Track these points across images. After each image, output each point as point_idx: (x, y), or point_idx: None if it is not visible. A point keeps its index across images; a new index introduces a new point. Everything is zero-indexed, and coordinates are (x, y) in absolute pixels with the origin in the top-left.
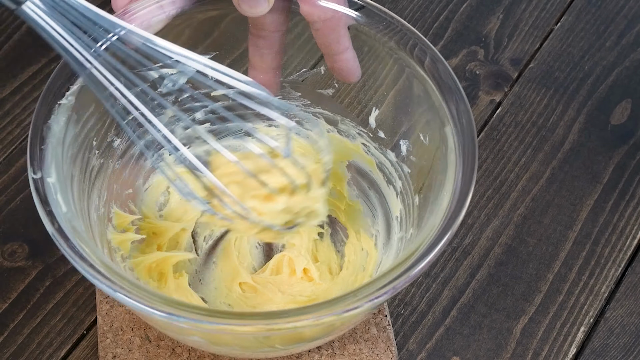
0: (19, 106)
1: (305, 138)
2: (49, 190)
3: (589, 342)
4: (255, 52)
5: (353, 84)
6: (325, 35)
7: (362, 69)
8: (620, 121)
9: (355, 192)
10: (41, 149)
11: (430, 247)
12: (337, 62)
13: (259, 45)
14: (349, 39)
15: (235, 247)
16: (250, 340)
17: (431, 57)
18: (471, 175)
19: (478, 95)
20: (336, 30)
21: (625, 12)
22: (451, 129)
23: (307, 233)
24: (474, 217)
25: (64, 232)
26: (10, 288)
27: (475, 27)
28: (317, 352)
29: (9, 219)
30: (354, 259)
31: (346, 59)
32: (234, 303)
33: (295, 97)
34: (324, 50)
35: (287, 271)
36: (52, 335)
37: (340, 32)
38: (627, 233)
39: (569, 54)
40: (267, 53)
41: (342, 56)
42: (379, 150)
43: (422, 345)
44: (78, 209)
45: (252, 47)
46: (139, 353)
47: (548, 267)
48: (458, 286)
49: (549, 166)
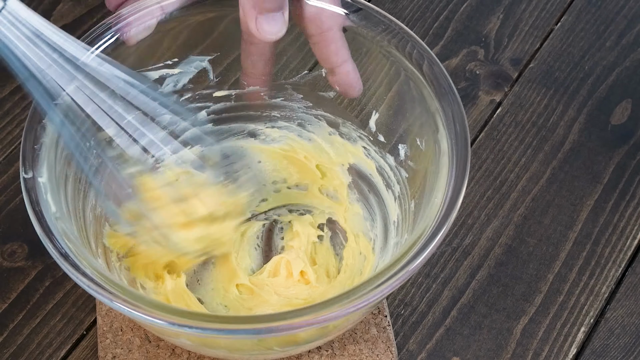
0: (18, 106)
1: (307, 141)
2: (39, 190)
3: (589, 342)
4: (246, 58)
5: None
6: (323, 48)
7: (360, 71)
8: (621, 121)
9: (356, 196)
10: (34, 149)
11: (418, 253)
12: (337, 75)
13: (251, 52)
14: (348, 51)
15: (234, 248)
16: (246, 343)
17: (428, 59)
18: (462, 179)
19: (478, 95)
20: (334, 42)
21: (625, 12)
22: (444, 131)
23: (306, 236)
24: (474, 217)
25: (51, 231)
26: (10, 288)
27: (475, 27)
28: (317, 353)
29: (9, 219)
30: (352, 262)
31: (346, 72)
32: (231, 304)
33: (297, 99)
34: (324, 65)
35: (284, 273)
36: (52, 335)
37: (337, 43)
38: (628, 233)
39: (569, 54)
40: (258, 60)
41: (341, 68)
42: (379, 153)
43: (422, 346)
44: (71, 209)
45: (243, 53)
46: (139, 353)
47: (548, 267)
48: (458, 286)
49: (549, 166)
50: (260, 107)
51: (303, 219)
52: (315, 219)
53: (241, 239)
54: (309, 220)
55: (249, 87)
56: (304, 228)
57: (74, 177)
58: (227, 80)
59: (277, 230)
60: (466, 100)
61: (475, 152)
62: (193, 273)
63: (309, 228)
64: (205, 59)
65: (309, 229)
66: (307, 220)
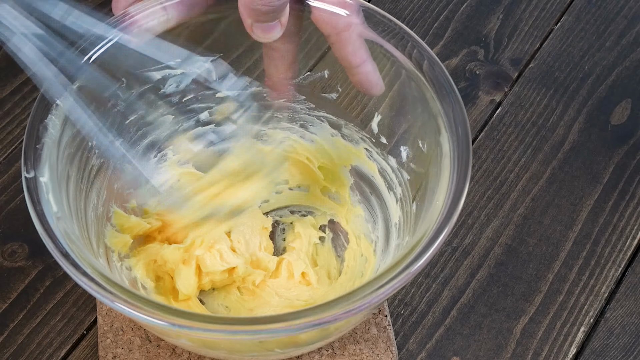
0: (19, 106)
1: (310, 142)
2: (41, 189)
3: (589, 342)
4: (269, 63)
5: (353, 87)
6: (340, 48)
7: None
8: (620, 121)
9: (358, 197)
10: (36, 148)
11: (419, 255)
12: (357, 75)
13: (273, 57)
14: (367, 51)
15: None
16: (247, 344)
17: (428, 60)
18: (464, 181)
19: (478, 95)
20: (351, 43)
21: (625, 12)
22: (446, 133)
23: (308, 237)
24: (474, 217)
25: (52, 231)
26: (10, 288)
27: (475, 27)
28: (317, 352)
29: (9, 219)
30: (353, 264)
31: (365, 72)
32: (232, 305)
33: (300, 100)
34: (343, 64)
35: (286, 275)
36: (52, 335)
37: (355, 44)
38: (627, 233)
39: (569, 54)
40: (281, 64)
41: (360, 69)
42: (381, 155)
43: (422, 346)
44: (73, 209)
45: (266, 58)
46: (139, 353)
47: (548, 267)
48: (458, 286)
49: (549, 166)
50: (286, 98)
51: (305, 221)
52: (317, 221)
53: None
54: (310, 221)
55: (250, 88)
56: (306, 229)
57: (76, 176)
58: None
59: (278, 232)
60: (466, 100)
61: (475, 152)
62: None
63: (311, 229)
64: (207, 59)
65: (310, 231)
66: (308, 222)
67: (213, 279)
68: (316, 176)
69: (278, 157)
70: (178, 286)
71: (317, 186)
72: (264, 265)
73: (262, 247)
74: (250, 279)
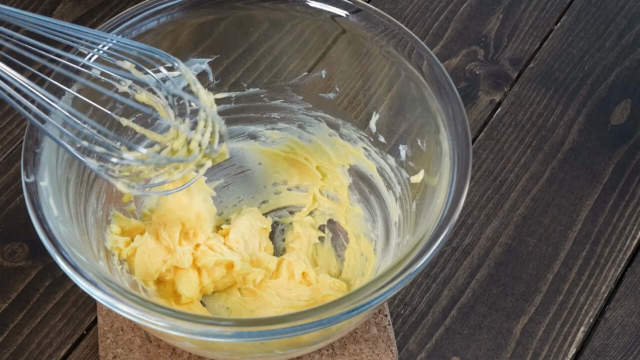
0: None
1: (308, 142)
2: (41, 194)
3: (588, 342)
4: None
5: (351, 88)
6: None
7: (360, 72)
8: (620, 121)
9: (357, 197)
10: (35, 153)
11: (421, 254)
12: None
13: None
14: None
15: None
16: (248, 346)
17: (428, 59)
18: (464, 180)
19: (478, 95)
20: None
21: (625, 12)
22: (445, 132)
23: (307, 237)
24: (474, 217)
25: (53, 235)
26: (10, 288)
27: (475, 27)
28: (317, 352)
29: (9, 219)
30: (354, 263)
31: None
32: (233, 307)
33: (297, 100)
34: None
35: (286, 275)
36: (52, 335)
37: None
38: (627, 233)
39: (569, 54)
40: None
41: None
42: (380, 154)
43: (422, 345)
44: (73, 213)
45: None
46: (140, 353)
47: (548, 267)
48: (458, 286)
49: (548, 166)
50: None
51: (304, 221)
52: (316, 221)
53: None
54: (309, 221)
55: (248, 90)
56: (305, 229)
57: (75, 180)
58: (227, 82)
59: (278, 232)
60: (466, 100)
61: (475, 152)
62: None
63: (310, 229)
64: (205, 61)
65: (310, 231)
66: (308, 222)
67: (213, 278)
68: (315, 176)
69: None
70: (180, 290)
71: (316, 186)
72: (265, 265)
73: (262, 247)
74: (250, 279)
